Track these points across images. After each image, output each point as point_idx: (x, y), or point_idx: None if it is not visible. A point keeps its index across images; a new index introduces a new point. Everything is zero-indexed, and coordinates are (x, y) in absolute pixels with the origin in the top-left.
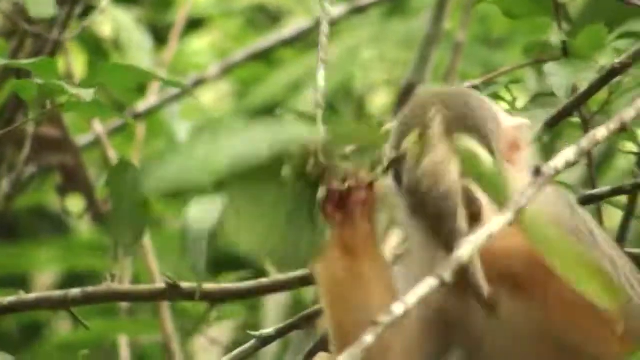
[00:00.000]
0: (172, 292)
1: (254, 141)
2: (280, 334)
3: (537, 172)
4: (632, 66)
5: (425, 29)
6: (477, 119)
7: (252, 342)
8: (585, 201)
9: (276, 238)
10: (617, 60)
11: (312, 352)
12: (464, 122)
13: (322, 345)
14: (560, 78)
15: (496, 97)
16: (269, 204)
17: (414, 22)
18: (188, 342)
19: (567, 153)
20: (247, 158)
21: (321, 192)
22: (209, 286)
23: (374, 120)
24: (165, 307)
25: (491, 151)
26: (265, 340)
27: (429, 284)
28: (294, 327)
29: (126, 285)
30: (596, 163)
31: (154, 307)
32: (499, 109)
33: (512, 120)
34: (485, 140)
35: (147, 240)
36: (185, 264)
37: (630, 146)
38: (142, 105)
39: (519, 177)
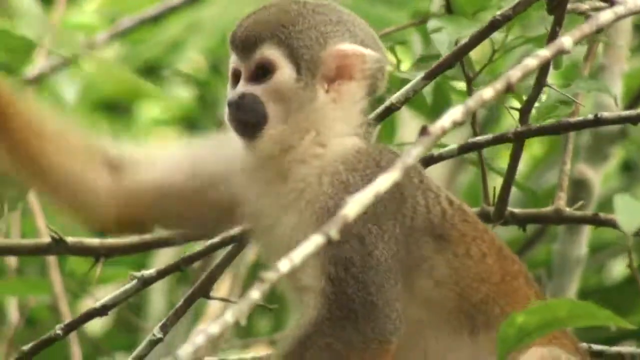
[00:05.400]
0: (58, 247)
1: None
2: (161, 274)
3: (423, 131)
4: (513, 18)
5: None
6: (285, 23)
7: (134, 282)
8: (467, 149)
9: None
10: (498, 13)
11: (192, 297)
12: (272, 26)
13: (202, 290)
14: (443, 34)
15: None
16: None
17: None
18: (77, 303)
19: (454, 112)
20: None
21: None
22: (94, 241)
23: None
24: (54, 267)
25: (294, 60)
26: (147, 281)
27: (315, 241)
28: (175, 269)
29: (12, 240)
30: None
31: (43, 268)
32: (354, 34)
33: (352, 46)
34: (283, 45)
35: (33, 198)
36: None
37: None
38: (31, 70)
39: (328, 106)
